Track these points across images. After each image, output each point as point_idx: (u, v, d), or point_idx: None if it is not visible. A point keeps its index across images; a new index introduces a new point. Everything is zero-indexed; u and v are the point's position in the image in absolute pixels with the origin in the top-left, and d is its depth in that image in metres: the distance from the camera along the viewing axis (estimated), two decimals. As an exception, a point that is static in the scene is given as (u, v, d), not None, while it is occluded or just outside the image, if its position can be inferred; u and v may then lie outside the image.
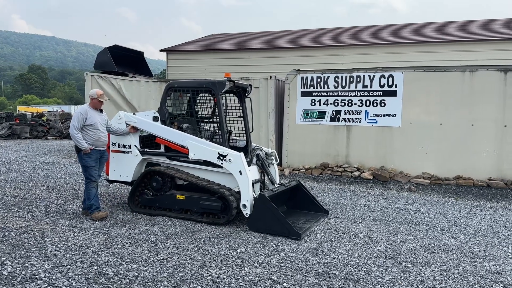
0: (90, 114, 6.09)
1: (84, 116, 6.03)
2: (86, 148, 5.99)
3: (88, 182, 6.15)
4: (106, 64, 13.70)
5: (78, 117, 6.02)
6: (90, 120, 6.06)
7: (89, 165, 6.10)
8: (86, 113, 6.06)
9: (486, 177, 9.56)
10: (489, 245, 5.48)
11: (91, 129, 6.08)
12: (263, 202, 5.63)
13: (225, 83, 6.20)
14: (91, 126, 6.08)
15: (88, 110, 6.12)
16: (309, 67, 12.51)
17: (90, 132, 6.08)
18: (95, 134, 6.11)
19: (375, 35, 17.62)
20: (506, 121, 9.40)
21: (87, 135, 6.06)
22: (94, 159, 6.14)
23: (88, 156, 6.06)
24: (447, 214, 7.26)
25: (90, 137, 6.07)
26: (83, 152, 6.02)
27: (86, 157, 6.06)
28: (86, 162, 6.09)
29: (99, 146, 6.21)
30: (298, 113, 11.24)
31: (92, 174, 6.14)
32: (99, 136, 6.16)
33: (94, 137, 6.10)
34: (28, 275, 3.99)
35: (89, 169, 6.11)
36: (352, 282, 4.11)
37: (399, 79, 10.19)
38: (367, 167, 10.60)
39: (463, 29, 17.22)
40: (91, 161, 6.11)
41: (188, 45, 19.95)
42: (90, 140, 6.07)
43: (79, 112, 6.08)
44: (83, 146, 5.96)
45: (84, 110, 6.11)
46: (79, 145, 5.98)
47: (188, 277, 4.11)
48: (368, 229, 6.10)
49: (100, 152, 6.24)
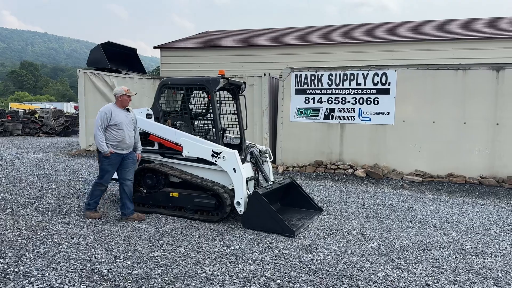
0: (115, 113, 5.73)
1: (108, 116, 5.67)
2: (106, 151, 5.66)
3: (98, 183, 5.89)
4: (99, 61, 13.63)
5: (102, 117, 5.66)
6: (115, 119, 5.70)
7: (105, 169, 5.79)
8: (110, 112, 5.70)
9: (478, 175, 9.65)
10: (481, 242, 5.53)
11: (115, 129, 5.72)
12: (257, 200, 5.64)
13: (219, 80, 6.20)
14: (116, 126, 5.71)
15: (113, 109, 5.77)
16: (303, 64, 12.53)
17: (114, 133, 5.72)
18: (119, 135, 5.74)
19: (368, 33, 17.66)
20: (498, 119, 9.48)
21: (111, 135, 5.71)
22: (112, 163, 5.78)
23: (108, 159, 5.73)
24: (440, 211, 7.32)
25: (114, 138, 5.72)
26: (102, 155, 5.73)
27: (104, 160, 5.75)
28: (103, 165, 5.79)
29: (123, 149, 5.83)
30: (292, 110, 11.25)
31: (106, 178, 5.85)
32: (123, 137, 5.77)
33: (118, 138, 5.73)
34: (20, 273, 3.97)
35: (105, 173, 5.82)
36: (345, 279, 4.13)
37: (392, 77, 10.23)
38: (361, 164, 10.65)
39: (456, 27, 17.32)
40: (109, 166, 5.78)
41: (182, 42, 19.87)
42: (114, 141, 5.72)
43: (103, 111, 5.70)
44: (103, 149, 5.64)
45: (109, 109, 5.74)
46: (99, 147, 5.67)
47: (182, 274, 4.11)
48: (361, 226, 6.13)
49: (122, 156, 5.85)
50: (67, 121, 23.49)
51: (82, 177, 9.42)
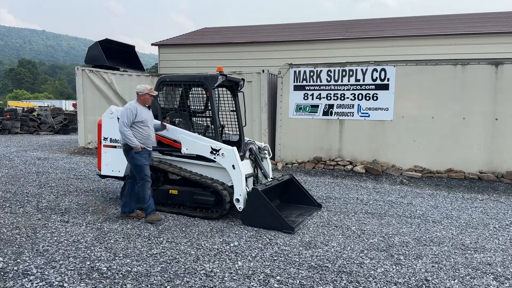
0: (139, 110, 5.68)
1: (134, 112, 5.61)
2: (138, 146, 5.58)
3: (143, 183, 5.70)
4: (97, 58, 13.60)
5: (127, 114, 5.59)
6: (140, 116, 5.66)
7: (142, 164, 5.67)
8: (135, 109, 5.64)
9: (477, 170, 9.65)
10: (480, 237, 5.54)
11: (141, 126, 5.68)
12: (256, 196, 5.64)
13: (218, 77, 6.18)
14: (142, 123, 5.68)
15: (137, 106, 5.70)
16: (302, 61, 12.50)
17: (141, 130, 5.68)
18: (146, 131, 5.72)
19: (367, 29, 17.62)
20: (497, 114, 9.48)
21: (138, 132, 5.66)
22: (145, 157, 5.73)
23: (140, 154, 5.64)
24: (439, 206, 7.32)
25: (141, 135, 5.68)
26: (134, 151, 5.61)
27: (137, 156, 5.64)
28: (138, 161, 5.66)
29: (148, 145, 5.81)
30: (291, 107, 11.23)
31: (147, 173, 5.72)
32: (149, 134, 5.78)
33: (144, 135, 5.71)
34: (20, 271, 3.97)
35: (143, 168, 5.68)
36: (344, 275, 4.13)
37: (391, 73, 10.22)
38: (360, 160, 10.65)
39: (455, 22, 17.28)
40: (143, 159, 5.68)
41: (180, 39, 19.81)
42: (141, 138, 5.67)
43: (128, 108, 5.63)
44: (134, 144, 5.55)
45: (134, 106, 5.68)
46: (130, 142, 5.55)
47: (181, 271, 4.11)
48: (361, 222, 6.14)
49: (148, 152, 5.83)
50: (66, 119, 23.46)
51: (81, 175, 9.41)
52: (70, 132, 22.32)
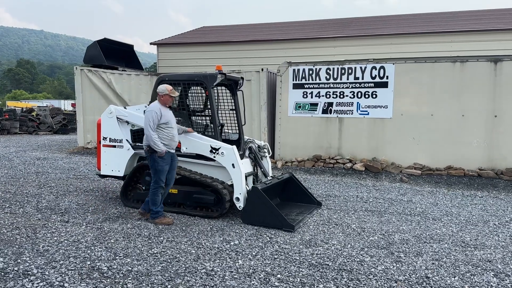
0: (163, 112, 5.58)
1: (158, 114, 5.50)
2: (163, 151, 5.49)
3: (156, 187, 5.64)
4: (96, 57, 13.59)
5: (153, 116, 5.48)
6: (165, 118, 5.57)
7: (162, 169, 5.60)
8: (159, 110, 5.53)
9: (476, 167, 9.66)
10: (480, 234, 5.55)
11: (166, 128, 5.60)
12: (256, 195, 5.64)
13: (217, 76, 6.17)
14: (166, 125, 5.59)
15: (160, 108, 5.59)
16: (301, 59, 12.49)
17: (166, 131, 5.59)
18: (170, 133, 5.64)
19: (366, 27, 17.61)
20: (496, 111, 9.48)
21: (163, 134, 5.58)
22: (168, 162, 5.65)
23: (163, 159, 5.56)
24: (439, 204, 7.33)
25: (166, 137, 5.59)
26: (158, 155, 5.53)
27: (160, 161, 5.56)
28: (159, 166, 5.57)
29: (172, 147, 5.73)
30: (290, 105, 11.23)
31: (162, 178, 5.66)
32: (173, 134, 5.69)
33: (169, 136, 5.63)
34: (20, 271, 3.97)
35: (161, 173, 5.61)
36: (345, 273, 4.14)
37: (390, 71, 10.21)
38: (359, 158, 10.65)
39: (453, 20, 17.27)
40: (165, 165, 5.61)
41: (178, 38, 19.79)
42: (166, 140, 5.59)
43: (152, 111, 5.50)
44: (160, 148, 5.46)
45: (157, 107, 5.56)
46: (155, 147, 5.46)
47: (182, 270, 4.11)
48: (361, 220, 6.14)
49: (171, 154, 5.73)
50: (65, 119, 23.43)
51: (80, 175, 9.40)
52: (69, 132, 22.30)
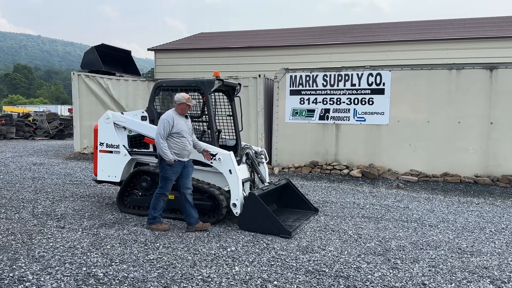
0: (177, 121, 5.56)
1: (170, 123, 5.50)
2: (171, 159, 5.48)
3: (160, 193, 5.65)
4: (93, 63, 13.59)
5: (164, 124, 5.49)
6: (177, 127, 5.54)
7: (169, 178, 5.59)
8: (172, 119, 5.53)
9: (473, 174, 9.69)
10: (476, 241, 5.56)
11: (177, 137, 5.57)
12: (253, 201, 5.63)
13: (214, 82, 6.19)
14: (178, 134, 5.56)
15: (174, 116, 5.58)
16: (298, 65, 12.54)
17: (177, 140, 5.57)
18: (182, 142, 5.60)
19: (362, 34, 17.72)
20: (492, 118, 9.53)
21: (173, 143, 5.56)
22: (176, 171, 5.60)
23: (171, 168, 5.54)
24: (435, 210, 7.34)
25: (177, 146, 5.57)
26: (166, 163, 5.54)
27: (168, 169, 5.55)
28: (166, 174, 5.58)
29: (184, 156, 5.68)
30: (287, 111, 11.25)
31: (168, 187, 5.66)
32: (185, 144, 5.64)
33: (180, 146, 5.59)
34: (16, 277, 3.94)
35: (168, 182, 5.62)
36: (342, 279, 4.13)
37: (386, 77, 10.27)
38: (356, 165, 10.67)
39: (450, 27, 17.41)
40: (172, 174, 5.59)
41: (176, 44, 19.85)
42: (176, 149, 5.56)
43: (165, 119, 5.52)
44: (168, 157, 5.46)
45: (171, 116, 5.55)
46: (164, 155, 5.48)
47: (178, 277, 4.10)
48: (357, 226, 6.14)
49: (183, 163, 5.69)
50: (62, 124, 23.36)
51: (77, 180, 9.37)
52: (65, 137, 22.22)
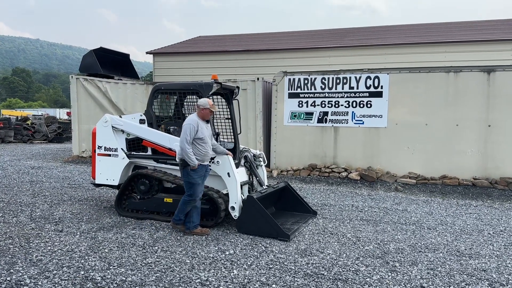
0: (200, 126, 5.48)
1: (195, 128, 5.42)
2: (196, 164, 5.42)
3: (190, 200, 5.59)
4: (91, 66, 13.60)
5: (190, 130, 5.39)
6: (201, 133, 5.47)
7: (195, 182, 5.52)
8: (197, 125, 5.45)
9: (471, 176, 9.70)
10: (475, 243, 5.56)
11: (201, 143, 5.50)
12: (252, 204, 5.63)
13: (212, 85, 6.19)
14: (201, 140, 5.48)
15: (198, 121, 5.50)
16: (296, 68, 12.56)
17: (200, 146, 5.50)
18: (204, 148, 5.54)
19: (360, 37, 17.76)
20: (490, 121, 9.56)
21: (196, 149, 5.48)
22: (200, 175, 5.56)
23: (195, 172, 5.48)
24: (434, 213, 7.34)
25: (199, 152, 5.50)
26: (190, 168, 5.46)
27: (193, 174, 5.49)
28: (192, 179, 5.51)
29: (205, 161, 5.64)
30: (285, 114, 11.27)
31: (197, 192, 5.58)
32: (207, 150, 5.60)
33: (203, 152, 5.52)
34: (13, 281, 3.93)
35: (195, 186, 5.54)
36: (340, 282, 4.13)
37: (384, 80, 10.29)
38: (355, 167, 10.67)
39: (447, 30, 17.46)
40: (198, 178, 5.53)
41: (174, 47, 19.86)
42: (199, 155, 5.49)
43: (190, 124, 5.41)
44: (193, 162, 5.39)
45: (195, 121, 5.47)
46: (189, 160, 5.39)
47: (176, 280, 4.09)
48: (356, 229, 6.14)
49: (206, 166, 5.67)
50: (60, 128, 23.37)
51: (75, 184, 9.35)
52: (64, 140, 22.21)
